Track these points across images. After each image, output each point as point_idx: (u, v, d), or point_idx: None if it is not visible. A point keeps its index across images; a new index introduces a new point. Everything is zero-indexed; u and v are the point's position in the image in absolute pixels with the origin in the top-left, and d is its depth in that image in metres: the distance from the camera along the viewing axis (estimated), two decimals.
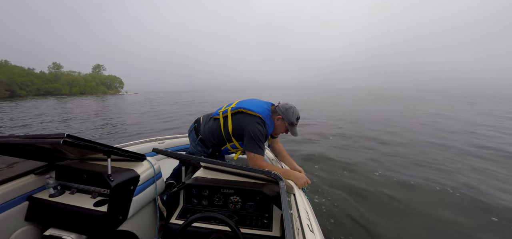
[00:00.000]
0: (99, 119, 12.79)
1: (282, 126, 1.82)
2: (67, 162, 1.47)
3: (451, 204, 3.11)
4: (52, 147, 1.16)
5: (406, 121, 10.64)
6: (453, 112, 14.06)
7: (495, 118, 11.96)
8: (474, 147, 6.00)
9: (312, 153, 5.38)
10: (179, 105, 21.86)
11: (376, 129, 8.65)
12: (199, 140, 1.93)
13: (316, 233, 1.03)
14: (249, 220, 1.26)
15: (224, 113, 1.82)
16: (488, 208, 3.02)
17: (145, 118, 12.84)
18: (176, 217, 1.30)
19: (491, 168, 4.49)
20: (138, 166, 1.44)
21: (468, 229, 2.59)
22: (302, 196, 1.44)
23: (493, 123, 10.09)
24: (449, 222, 2.71)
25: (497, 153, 5.45)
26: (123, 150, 1.34)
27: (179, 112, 15.93)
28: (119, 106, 21.76)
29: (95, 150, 1.16)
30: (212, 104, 23.74)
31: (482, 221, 2.74)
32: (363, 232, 2.52)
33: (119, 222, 1.28)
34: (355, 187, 3.56)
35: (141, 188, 1.41)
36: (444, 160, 4.93)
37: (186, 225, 0.96)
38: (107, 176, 1.22)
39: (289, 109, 1.78)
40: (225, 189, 1.35)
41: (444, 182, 3.77)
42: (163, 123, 10.95)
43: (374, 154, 5.34)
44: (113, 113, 15.57)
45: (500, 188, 3.59)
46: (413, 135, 7.50)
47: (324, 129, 8.80)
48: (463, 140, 6.80)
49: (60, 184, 1.38)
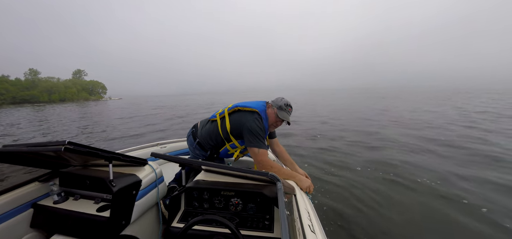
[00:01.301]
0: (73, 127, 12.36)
1: (272, 113, 1.87)
2: (70, 168, 1.49)
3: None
4: (55, 154, 1.18)
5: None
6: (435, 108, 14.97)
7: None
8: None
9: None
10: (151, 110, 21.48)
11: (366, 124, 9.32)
12: (196, 144, 1.96)
13: (318, 233, 1.02)
14: (250, 222, 1.26)
15: (221, 114, 1.88)
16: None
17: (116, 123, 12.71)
18: (178, 220, 1.32)
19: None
20: (140, 171, 1.47)
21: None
22: (304, 197, 1.44)
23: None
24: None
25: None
26: (124, 155, 1.36)
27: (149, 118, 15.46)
28: (95, 113, 21.09)
29: (96, 156, 1.18)
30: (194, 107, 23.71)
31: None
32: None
33: (122, 227, 1.30)
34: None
35: (143, 192, 1.43)
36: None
37: (186, 228, 0.97)
38: (109, 181, 1.24)
39: (278, 98, 1.91)
40: (225, 192, 1.36)
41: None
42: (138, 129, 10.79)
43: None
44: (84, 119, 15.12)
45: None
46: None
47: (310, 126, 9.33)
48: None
49: (64, 191, 1.39)
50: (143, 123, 12.21)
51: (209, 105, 26.24)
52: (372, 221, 2.61)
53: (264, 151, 1.67)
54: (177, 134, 8.66)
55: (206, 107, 22.55)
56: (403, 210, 2.82)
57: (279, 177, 1.18)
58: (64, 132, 10.89)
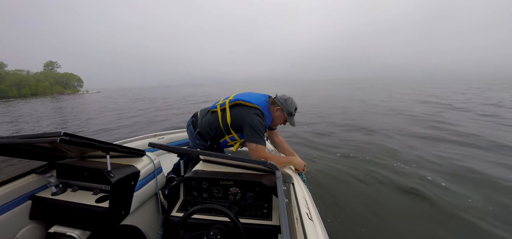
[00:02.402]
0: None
1: (281, 116, 1.88)
2: (67, 160, 1.47)
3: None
4: (51, 146, 1.17)
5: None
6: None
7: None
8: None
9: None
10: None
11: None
12: (197, 134, 1.94)
13: (315, 221, 1.03)
14: (249, 211, 1.27)
15: (222, 105, 1.83)
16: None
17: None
18: (177, 210, 1.33)
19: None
20: (138, 161, 1.48)
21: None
22: (301, 185, 1.46)
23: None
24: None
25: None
26: (122, 146, 1.37)
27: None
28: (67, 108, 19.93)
29: (93, 147, 1.18)
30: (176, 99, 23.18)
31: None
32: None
33: (122, 217, 1.32)
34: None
35: (142, 183, 1.45)
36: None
37: (186, 217, 0.98)
38: (107, 172, 1.24)
39: (287, 100, 1.85)
40: (224, 181, 1.37)
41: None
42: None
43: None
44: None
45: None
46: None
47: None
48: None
49: (62, 182, 1.38)
50: (109, 120, 11.45)
51: (188, 97, 25.91)
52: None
53: (262, 147, 1.67)
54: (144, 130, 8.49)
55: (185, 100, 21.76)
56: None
57: (278, 166, 1.20)
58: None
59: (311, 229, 0.91)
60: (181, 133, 3.04)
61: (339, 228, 2.32)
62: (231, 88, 64.21)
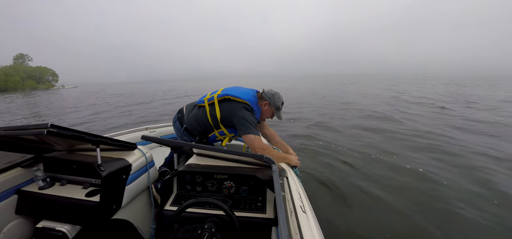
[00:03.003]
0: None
1: (268, 111, 1.93)
2: (55, 153, 1.41)
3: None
4: (37, 138, 1.13)
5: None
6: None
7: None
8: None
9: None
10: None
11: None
12: (184, 130, 1.92)
13: (309, 213, 1.06)
14: (243, 204, 1.29)
15: (210, 100, 1.82)
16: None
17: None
18: (170, 204, 1.33)
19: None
20: (129, 155, 1.45)
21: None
22: (295, 178, 1.49)
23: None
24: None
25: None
26: (112, 139, 1.34)
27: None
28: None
29: (82, 140, 1.15)
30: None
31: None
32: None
33: (113, 211, 1.30)
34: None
35: (133, 177, 1.43)
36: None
37: (180, 210, 0.99)
38: (97, 166, 1.21)
39: (274, 94, 1.90)
40: (218, 175, 1.38)
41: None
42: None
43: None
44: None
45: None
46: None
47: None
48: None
49: (49, 176, 1.33)
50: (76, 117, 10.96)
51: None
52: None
53: (259, 137, 1.70)
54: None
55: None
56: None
57: (274, 160, 1.21)
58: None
59: (305, 222, 0.94)
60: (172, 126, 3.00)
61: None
62: (218, 82, 64.06)
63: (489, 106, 9.60)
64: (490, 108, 9.18)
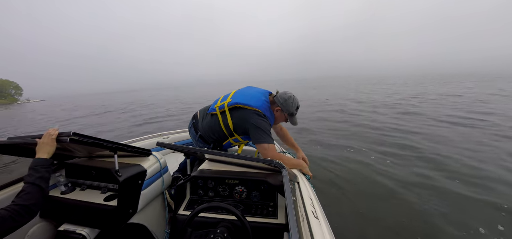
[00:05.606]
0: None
1: (281, 116, 1.81)
2: (76, 160, 1.49)
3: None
4: (60, 145, 1.19)
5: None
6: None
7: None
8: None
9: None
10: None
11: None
12: (199, 137, 1.89)
13: (321, 219, 1.02)
14: (255, 209, 1.27)
15: (221, 108, 1.75)
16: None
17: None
18: (184, 208, 1.34)
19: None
20: (145, 161, 1.50)
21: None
22: (306, 184, 1.46)
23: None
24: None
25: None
26: (129, 146, 1.39)
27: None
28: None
29: (101, 147, 1.20)
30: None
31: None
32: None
33: (130, 215, 1.34)
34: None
35: (148, 182, 1.47)
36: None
37: (193, 215, 0.99)
38: (115, 171, 1.27)
39: (288, 99, 1.74)
40: (230, 180, 1.37)
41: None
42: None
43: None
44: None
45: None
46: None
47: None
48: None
49: (71, 181, 1.40)
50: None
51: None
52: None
53: (273, 146, 1.64)
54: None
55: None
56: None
57: (284, 165, 1.20)
58: None
59: (317, 228, 0.92)
60: (185, 133, 3.06)
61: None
62: (196, 89, 62.68)
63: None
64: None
